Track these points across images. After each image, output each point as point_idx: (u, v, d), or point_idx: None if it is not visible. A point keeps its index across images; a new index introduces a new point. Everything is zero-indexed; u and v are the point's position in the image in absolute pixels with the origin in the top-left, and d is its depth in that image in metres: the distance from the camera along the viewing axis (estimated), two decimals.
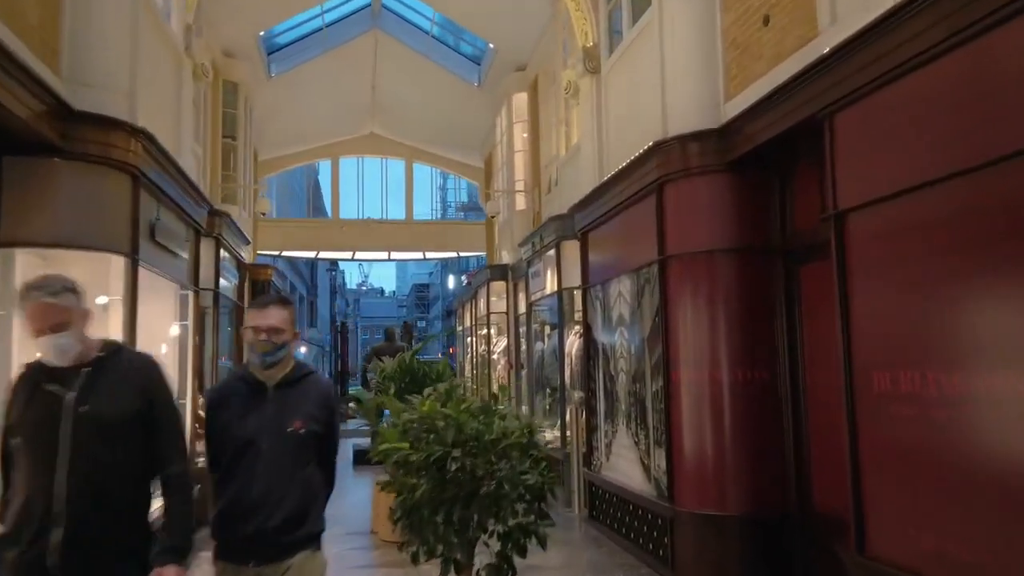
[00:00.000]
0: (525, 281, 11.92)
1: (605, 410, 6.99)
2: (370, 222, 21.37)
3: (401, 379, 7.27)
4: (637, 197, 6.05)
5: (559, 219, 8.56)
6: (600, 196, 6.95)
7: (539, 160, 13.16)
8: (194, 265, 7.04)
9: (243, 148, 13.25)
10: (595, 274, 7.33)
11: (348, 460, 12.31)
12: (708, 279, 5.37)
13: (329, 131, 19.90)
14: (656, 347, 5.71)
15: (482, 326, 14.91)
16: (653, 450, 5.80)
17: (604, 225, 7.00)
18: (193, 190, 6.49)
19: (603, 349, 7.03)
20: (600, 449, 7.14)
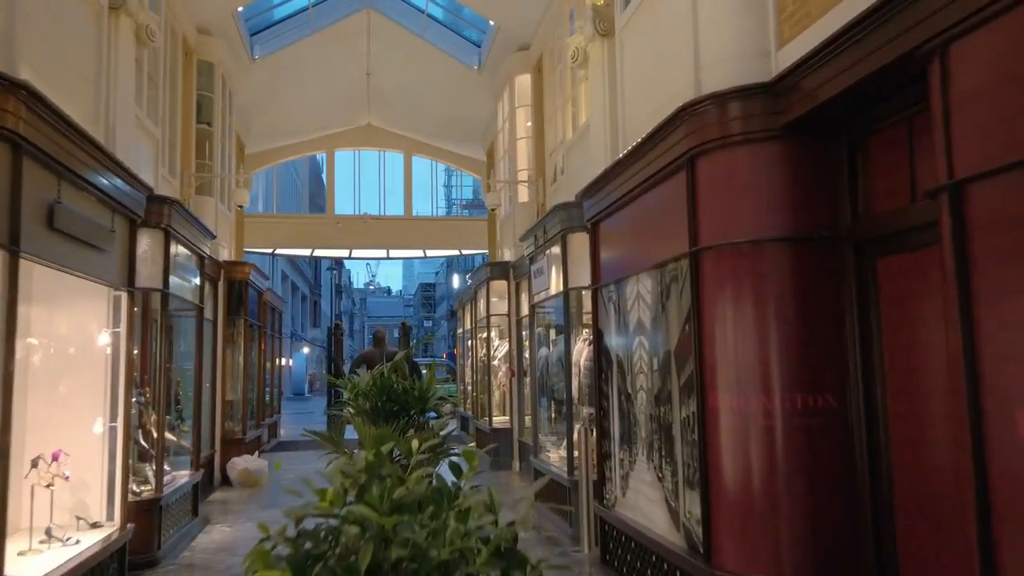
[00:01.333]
0: (528, 280, 10.75)
1: (620, 434, 5.81)
2: (367, 218, 20.27)
3: (377, 396, 6.10)
4: (661, 176, 4.87)
5: (565, 208, 7.39)
6: (613, 178, 5.78)
7: (544, 147, 11.99)
8: (128, 261, 5.90)
9: (221, 136, 12.12)
10: (608, 271, 6.15)
11: None
12: (754, 277, 4.18)
13: (323, 122, 18.81)
14: (687, 362, 4.53)
15: (482, 329, 13.74)
16: (683, 491, 4.62)
17: (619, 213, 5.82)
18: (121, 170, 5.34)
19: (618, 361, 5.85)
20: (614, 480, 5.96)
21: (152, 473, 6.94)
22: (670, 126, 4.64)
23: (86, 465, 5.74)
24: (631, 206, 5.54)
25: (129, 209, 5.72)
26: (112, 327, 5.83)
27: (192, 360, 9.09)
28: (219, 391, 10.68)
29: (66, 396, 5.74)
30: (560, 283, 7.76)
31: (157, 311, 7.04)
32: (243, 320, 11.58)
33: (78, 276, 4.98)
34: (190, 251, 7.80)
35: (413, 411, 6.16)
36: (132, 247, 5.98)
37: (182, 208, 7.01)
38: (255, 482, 10.66)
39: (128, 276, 5.89)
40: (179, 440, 8.63)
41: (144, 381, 7.32)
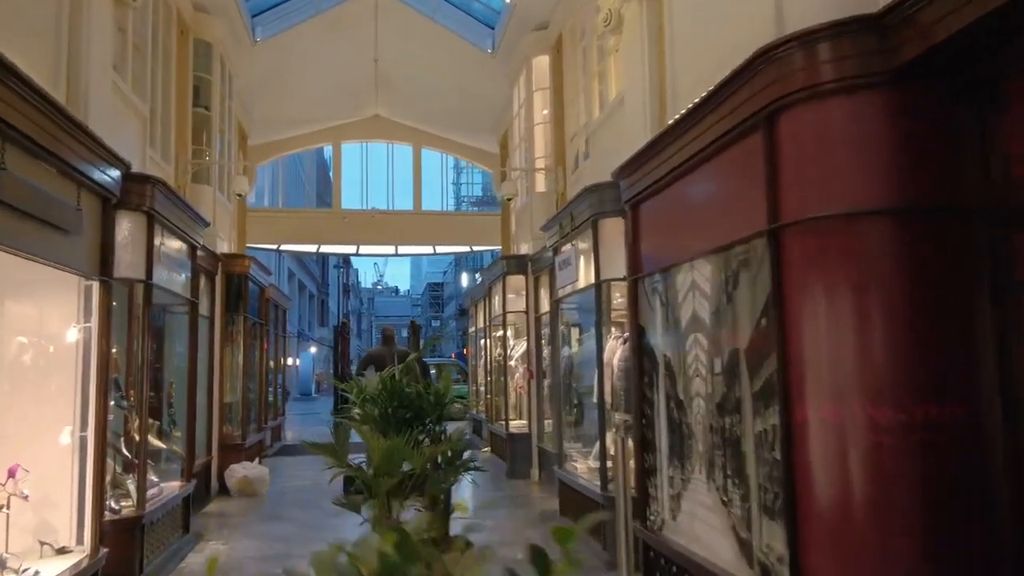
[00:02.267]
0: (549, 273, 9.94)
1: (669, 447, 5.00)
2: (375, 213, 19.56)
3: (387, 402, 5.32)
4: (726, 141, 4.06)
5: (596, 191, 6.59)
6: (660, 151, 4.97)
7: (564, 133, 11.19)
8: (101, 247, 5.13)
9: (220, 121, 11.37)
10: (651, 259, 5.35)
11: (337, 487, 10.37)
12: (853, 258, 3.37)
13: (329, 113, 18.07)
14: (764, 365, 3.73)
15: (497, 327, 12.96)
16: (759, 520, 3.81)
17: (667, 191, 5.01)
18: (86, 136, 4.57)
19: (666, 362, 5.04)
20: (661, 500, 5.15)
21: (134, 485, 6.18)
22: (740, 79, 3.83)
23: (52, 481, 4.99)
24: (683, 182, 4.74)
25: (100, 186, 4.95)
26: (83, 321, 5.07)
27: (187, 359, 8.35)
28: (216, 393, 9.93)
29: (28, 402, 4.98)
30: (590, 275, 6.96)
31: (140, 306, 6.28)
32: (243, 317, 10.82)
33: (34, 260, 4.21)
34: (179, 239, 7.04)
35: (429, 419, 5.39)
36: (107, 231, 5.22)
37: (167, 189, 6.24)
38: (255, 491, 9.90)
39: (102, 264, 5.13)
40: (171, 446, 7.88)
41: (128, 383, 6.57)
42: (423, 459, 4.94)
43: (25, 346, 5.21)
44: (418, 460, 4.93)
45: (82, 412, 5.07)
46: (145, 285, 6.06)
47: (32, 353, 5.23)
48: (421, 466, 4.96)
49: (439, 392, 5.35)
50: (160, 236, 6.32)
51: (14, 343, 5.11)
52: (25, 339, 5.21)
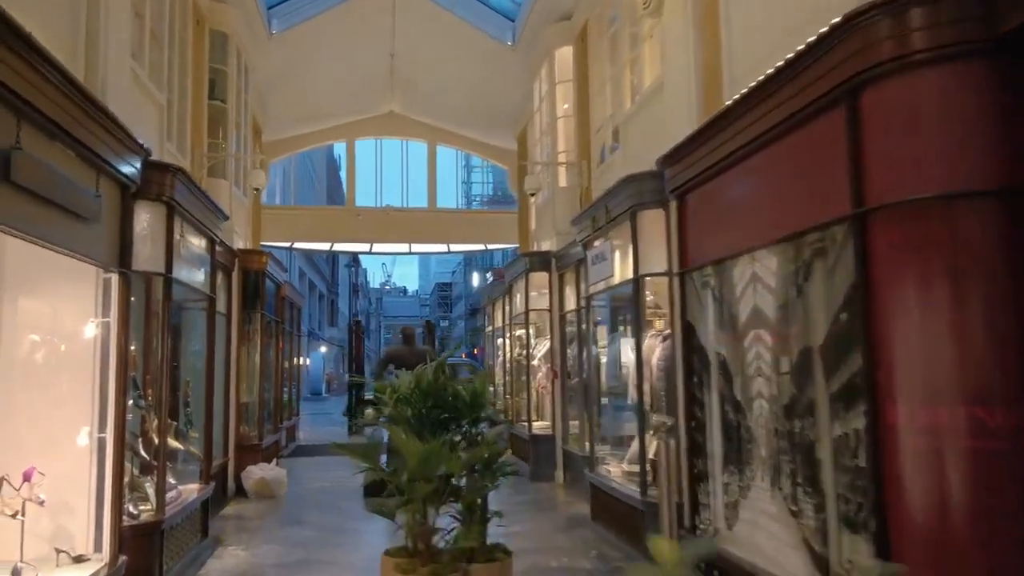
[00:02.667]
0: (575, 270, 9.65)
1: (724, 452, 4.69)
2: (389, 210, 19.30)
3: (421, 403, 5.02)
4: (798, 120, 3.75)
5: (634, 181, 6.28)
6: (712, 136, 4.66)
7: (588, 126, 10.87)
8: (120, 237, 4.86)
9: (236, 114, 11.12)
10: (701, 251, 5.04)
11: (356, 490, 10.10)
12: (955, 245, 3.05)
13: (343, 108, 17.83)
14: (844, 363, 3.41)
15: (517, 326, 12.64)
16: (836, 533, 3.50)
17: (720, 178, 4.70)
18: (107, 119, 4.29)
19: (720, 361, 4.73)
20: (715, 508, 4.84)
21: (154, 490, 5.90)
22: (817, 51, 3.51)
23: (68, 485, 4.71)
24: (741, 167, 4.42)
25: (120, 172, 4.67)
26: (101, 316, 4.79)
27: (204, 358, 8.09)
28: (233, 392, 9.67)
29: (42, 402, 4.71)
30: (626, 270, 6.65)
31: (159, 302, 6.00)
32: (260, 315, 10.55)
33: (51, 249, 3.93)
34: (199, 232, 6.76)
35: (465, 421, 5.09)
36: (126, 221, 4.94)
37: (187, 179, 5.96)
38: (273, 493, 9.62)
39: (121, 255, 4.85)
40: (188, 447, 7.61)
41: (146, 382, 6.30)
42: (462, 464, 4.64)
43: (38, 344, 4.94)
44: (456, 465, 4.63)
45: (100, 412, 4.79)
46: (164, 279, 5.78)
47: (46, 351, 4.96)
48: (459, 471, 4.67)
49: (476, 392, 5.05)
50: (180, 228, 6.04)
51: (27, 340, 4.83)
52: (38, 336, 4.94)
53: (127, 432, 5.35)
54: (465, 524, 4.88)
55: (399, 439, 4.64)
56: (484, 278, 52.24)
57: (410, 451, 4.58)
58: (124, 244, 4.87)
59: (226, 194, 9.72)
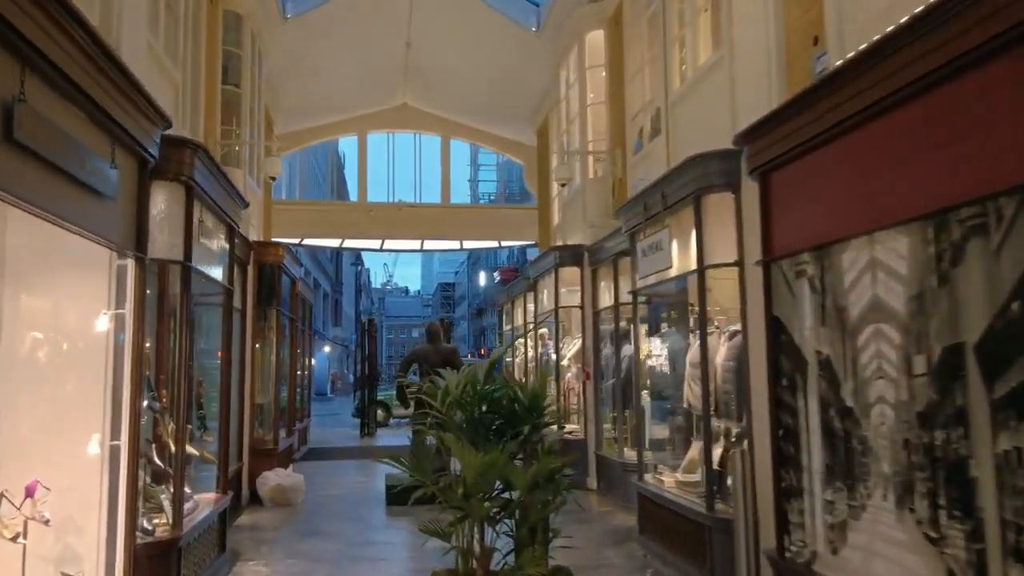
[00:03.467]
0: (612, 264, 9.07)
1: (827, 465, 4.10)
2: (402, 206, 18.75)
3: (474, 407, 4.44)
4: (944, 74, 3.15)
5: (700, 162, 5.69)
6: (812, 104, 4.08)
7: (623, 113, 10.30)
8: (137, 218, 4.28)
9: (250, 100, 10.55)
10: (793, 236, 4.45)
11: (376, 497, 9.53)
12: None
13: (356, 100, 17.29)
14: (1014, 363, 2.82)
15: (542, 324, 12.06)
16: (1002, 567, 2.91)
17: (821, 151, 4.12)
18: (123, 77, 3.71)
19: (822, 361, 4.14)
20: (811, 529, 4.25)
21: (169, 502, 5.32)
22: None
23: (77, 499, 4.14)
24: (852, 138, 3.84)
25: (138, 143, 4.09)
26: (115, 307, 4.21)
27: (215, 357, 7.52)
28: (247, 393, 9.09)
29: (49, 405, 4.14)
30: (688, 261, 6.07)
31: (176, 296, 5.42)
32: (275, 311, 9.97)
33: (60, 225, 3.36)
34: (217, 219, 6.19)
35: (524, 427, 4.50)
36: (143, 200, 4.37)
37: (208, 157, 5.38)
38: (289, 501, 9.05)
39: (138, 238, 4.28)
40: (203, 452, 7.03)
41: (159, 382, 5.72)
42: (526, 478, 4.06)
43: (42, 340, 4.37)
44: (521, 479, 4.06)
45: (113, 417, 4.21)
46: (183, 267, 5.21)
47: (51, 348, 4.38)
48: (525, 487, 4.09)
49: (535, 394, 4.47)
50: (199, 212, 5.47)
51: (29, 336, 4.26)
52: (41, 333, 4.37)
53: (142, 438, 4.78)
54: (523, 544, 4.31)
55: (455, 448, 4.05)
56: (491, 277, 51.72)
57: (467, 462, 4.00)
58: (141, 226, 4.30)
59: (240, 183, 9.15)
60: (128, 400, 4.19)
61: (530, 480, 4.06)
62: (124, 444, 4.19)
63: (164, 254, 5.04)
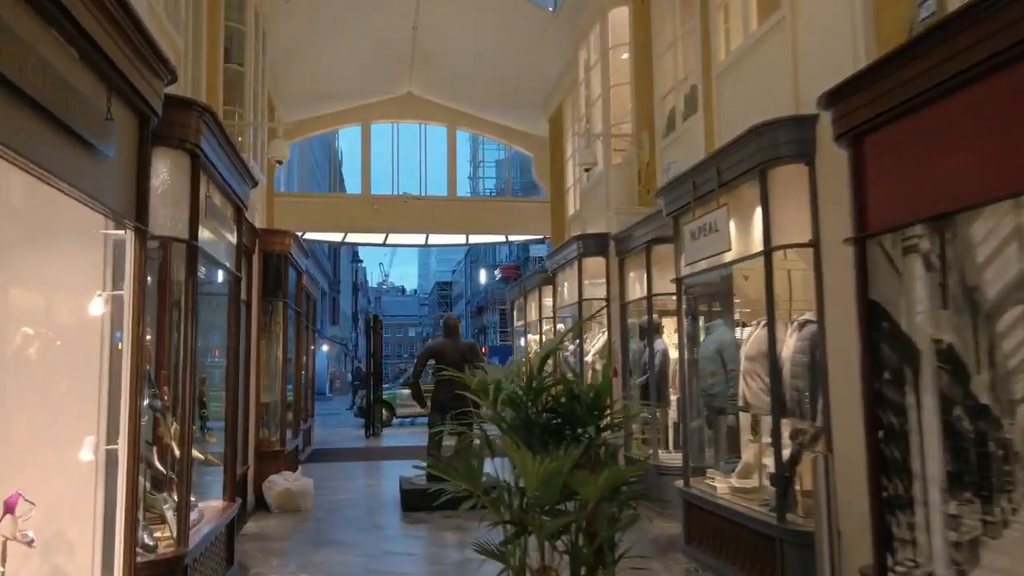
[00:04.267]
0: (644, 253, 8.45)
1: (949, 472, 3.50)
2: (407, 198, 18.13)
3: (527, 404, 3.82)
4: None
5: (768, 131, 5.09)
6: (929, 51, 3.48)
7: (651, 94, 9.70)
8: (136, 182, 3.66)
9: (253, 80, 9.93)
10: (899, 207, 3.85)
11: (390, 502, 8.92)
12: None
13: (359, 89, 16.68)
14: None
15: (562, 319, 11.46)
16: None
17: (939, 105, 3.51)
18: (125, 15, 3.09)
19: (942, 351, 3.54)
20: (927, 547, 3.65)
21: (172, 512, 4.71)
22: None
23: (67, 515, 3.52)
24: (988, 83, 3.23)
25: (138, 93, 3.46)
26: (111, 287, 3.59)
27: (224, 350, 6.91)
28: (252, 391, 8.47)
29: (36, 405, 3.52)
30: (750, 242, 5.48)
31: (180, 282, 4.80)
32: (282, 304, 9.34)
33: (46, 179, 2.73)
34: (224, 196, 5.57)
35: (587, 429, 3.90)
36: (144, 162, 3.74)
37: (216, 124, 4.77)
38: (298, 506, 8.43)
39: (138, 207, 3.65)
40: (207, 456, 6.42)
41: (160, 378, 5.11)
42: (599, 488, 3.46)
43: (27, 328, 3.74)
44: (594, 489, 3.45)
45: (109, 417, 3.59)
46: (188, 247, 4.58)
47: (38, 337, 3.76)
48: (596, 498, 3.48)
49: (599, 391, 3.85)
50: (206, 186, 4.85)
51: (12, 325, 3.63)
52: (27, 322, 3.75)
53: (142, 441, 4.16)
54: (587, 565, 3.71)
55: (513, 453, 3.44)
56: (492, 275, 51.06)
57: (528, 470, 3.39)
58: (141, 193, 3.67)
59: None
60: (128, 396, 3.57)
61: (602, 491, 3.45)
62: (123, 448, 3.57)
63: (166, 231, 4.42)
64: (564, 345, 12.25)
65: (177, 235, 4.47)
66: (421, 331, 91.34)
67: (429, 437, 8.91)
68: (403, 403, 18.97)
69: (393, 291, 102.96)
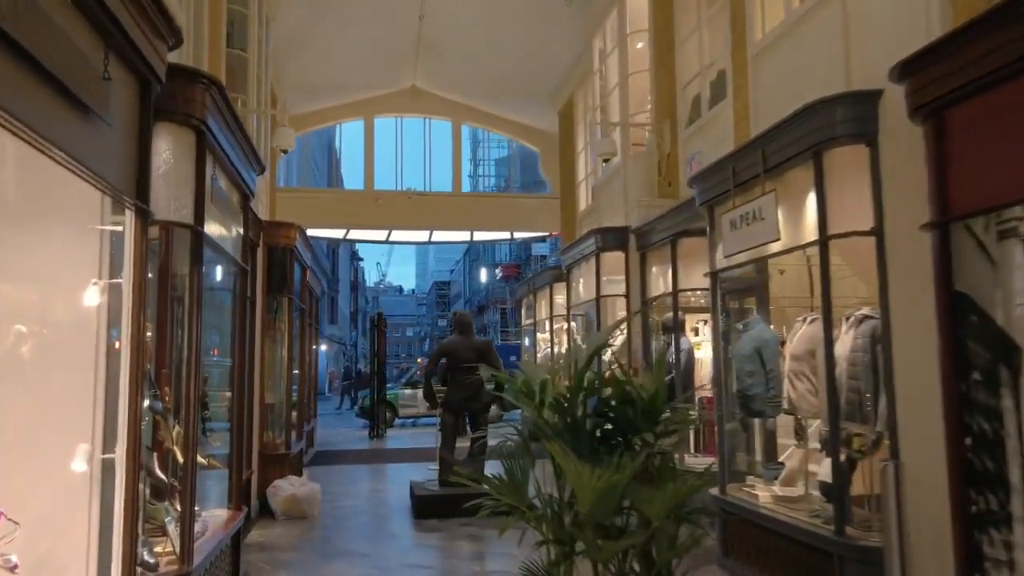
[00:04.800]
0: (670, 246, 8.04)
1: None
2: (411, 194, 17.72)
3: (575, 408, 3.41)
4: None
5: (823, 109, 4.67)
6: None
7: (673, 81, 9.30)
8: (138, 156, 3.24)
9: (257, 67, 9.51)
10: (989, 188, 3.44)
11: (400, 508, 8.51)
12: None
13: (362, 82, 16.26)
14: None
15: (576, 317, 11.05)
16: None
17: None
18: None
19: None
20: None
21: (174, 525, 4.29)
22: None
23: (58, 533, 3.10)
24: None
25: (139, 54, 3.04)
26: (107, 275, 3.17)
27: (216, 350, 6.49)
28: (257, 391, 8.04)
29: (23, 408, 3.09)
30: (802, 230, 5.06)
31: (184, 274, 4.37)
32: (287, 300, 8.92)
33: (32, 141, 2.31)
34: (231, 181, 5.15)
35: (641, 435, 3.49)
36: (145, 134, 3.32)
37: (224, 100, 4.35)
38: (304, 513, 8.00)
39: (138, 183, 3.23)
40: (209, 460, 6.00)
41: (161, 377, 4.69)
42: (665, 506, 3.04)
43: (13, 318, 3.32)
44: (659, 508, 3.04)
45: (106, 421, 3.17)
46: (193, 233, 4.16)
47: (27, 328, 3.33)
48: (662, 516, 3.06)
49: (655, 394, 3.44)
50: (212, 167, 4.43)
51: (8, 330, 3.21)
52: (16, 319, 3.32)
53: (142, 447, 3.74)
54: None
55: (565, 464, 3.02)
56: (492, 274, 50.59)
57: (584, 484, 2.97)
58: (143, 168, 3.25)
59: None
60: (126, 398, 3.14)
61: (669, 509, 3.04)
62: (121, 456, 3.15)
63: (169, 215, 4.00)
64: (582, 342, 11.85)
65: (181, 220, 4.05)
66: (419, 331, 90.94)
67: (441, 439, 8.49)
68: (405, 403, 18.55)
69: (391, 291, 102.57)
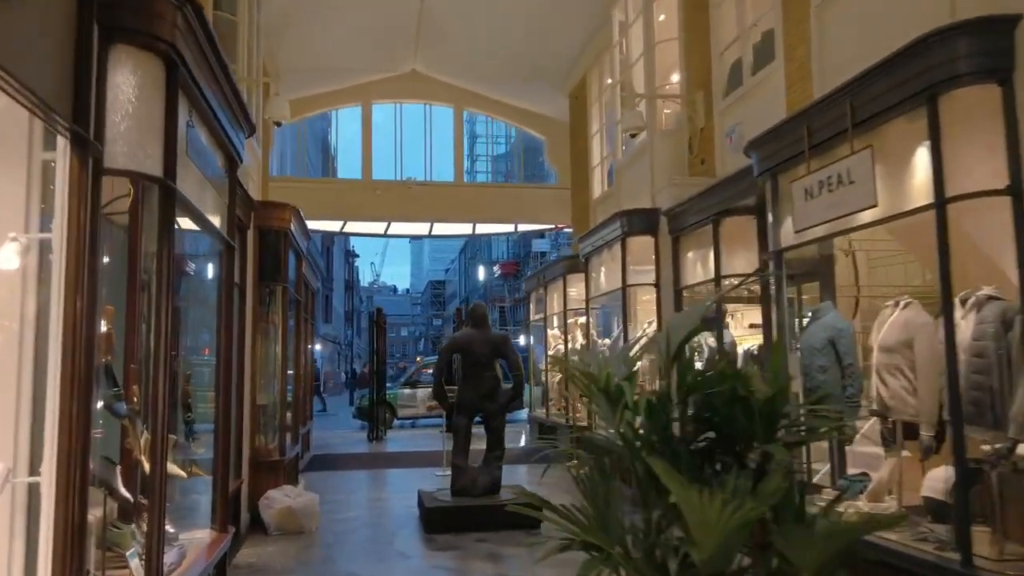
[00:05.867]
0: (711, 227, 7.16)
1: None
2: (411, 184, 16.87)
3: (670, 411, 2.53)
4: None
5: (939, 43, 3.80)
6: None
7: (707, 47, 8.44)
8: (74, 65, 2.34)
9: (248, 34, 8.62)
10: None
11: (407, 520, 7.62)
12: None
13: (360, 65, 15.40)
14: None
15: (595, 309, 10.19)
16: None
17: None
18: None
19: None
20: None
21: (140, 560, 3.40)
22: None
23: None
24: None
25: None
26: (36, 227, 2.28)
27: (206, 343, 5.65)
28: (247, 392, 7.14)
29: None
30: (909, 194, 4.19)
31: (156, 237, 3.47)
32: (281, 289, 8.01)
33: None
34: (212, 135, 4.25)
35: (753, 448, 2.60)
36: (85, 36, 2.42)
37: (202, 24, 3.45)
38: (301, 527, 7.10)
39: (75, 103, 2.34)
40: (190, 470, 5.11)
41: (129, 374, 3.81)
42: (824, 551, 2.16)
43: None
44: (812, 555, 2.16)
45: (31, 431, 2.27)
46: (162, 188, 3.26)
47: None
48: (818, 567, 2.18)
49: (776, 394, 2.55)
50: (186, 109, 3.53)
51: None
52: None
53: (95, 459, 2.85)
54: None
55: (679, 492, 2.14)
56: (490, 271, 49.63)
57: (707, 521, 2.09)
58: (82, 83, 2.35)
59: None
60: (56, 399, 2.25)
61: (830, 558, 2.16)
62: (49, 478, 2.26)
63: (134, 165, 3.10)
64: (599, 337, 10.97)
65: (147, 171, 3.15)
66: (414, 331, 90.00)
67: (454, 444, 7.60)
68: (403, 403, 17.69)
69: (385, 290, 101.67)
